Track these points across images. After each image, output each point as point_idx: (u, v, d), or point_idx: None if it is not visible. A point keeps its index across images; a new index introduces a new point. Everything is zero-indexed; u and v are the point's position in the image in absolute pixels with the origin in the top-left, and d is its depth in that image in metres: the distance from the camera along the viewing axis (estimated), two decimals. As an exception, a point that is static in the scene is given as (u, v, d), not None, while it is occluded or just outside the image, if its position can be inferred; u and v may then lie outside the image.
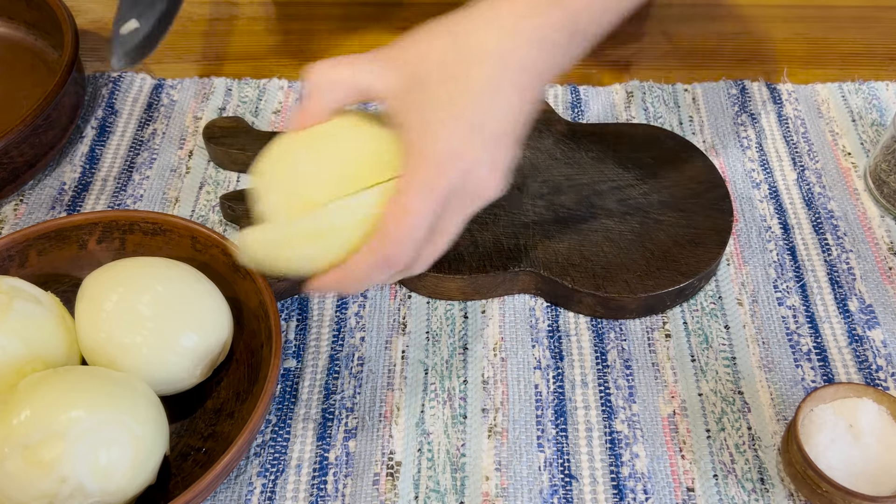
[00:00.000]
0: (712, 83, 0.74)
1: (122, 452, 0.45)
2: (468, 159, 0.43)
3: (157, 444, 0.47)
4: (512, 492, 0.51)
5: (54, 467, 0.43)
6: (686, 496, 0.51)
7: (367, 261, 0.44)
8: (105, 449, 0.44)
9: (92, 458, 0.44)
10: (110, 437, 0.45)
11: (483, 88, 0.43)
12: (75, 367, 0.50)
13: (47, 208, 0.65)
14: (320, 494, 0.51)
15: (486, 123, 0.43)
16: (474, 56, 0.43)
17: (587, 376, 0.56)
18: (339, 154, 0.46)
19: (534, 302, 0.60)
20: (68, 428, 0.44)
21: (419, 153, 0.43)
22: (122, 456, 0.45)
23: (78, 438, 0.44)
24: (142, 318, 0.50)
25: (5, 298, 0.50)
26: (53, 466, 0.43)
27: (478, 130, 0.43)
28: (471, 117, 0.43)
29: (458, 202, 0.44)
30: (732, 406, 0.55)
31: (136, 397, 0.47)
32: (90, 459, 0.44)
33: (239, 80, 0.74)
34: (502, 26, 0.44)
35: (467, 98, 0.43)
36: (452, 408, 0.55)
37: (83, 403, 0.45)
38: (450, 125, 0.43)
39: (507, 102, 0.44)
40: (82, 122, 0.71)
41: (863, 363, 0.57)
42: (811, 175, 0.68)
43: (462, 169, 0.42)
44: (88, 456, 0.44)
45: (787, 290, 0.60)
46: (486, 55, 0.43)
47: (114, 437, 0.45)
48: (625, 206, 0.62)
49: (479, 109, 0.43)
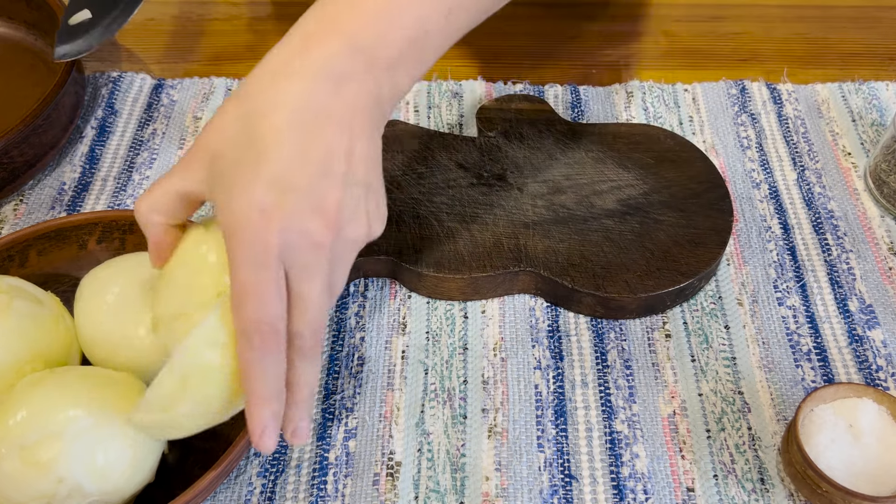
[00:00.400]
0: (712, 83, 0.74)
1: (120, 452, 0.45)
2: (279, 215, 0.40)
3: (155, 444, 0.47)
4: (512, 492, 0.51)
5: (51, 468, 0.43)
6: (686, 496, 0.51)
7: (246, 353, 0.41)
8: (102, 449, 0.44)
9: (89, 458, 0.44)
10: (107, 437, 0.44)
11: (275, 140, 0.40)
12: (73, 367, 0.50)
13: (47, 208, 0.65)
14: (320, 494, 0.51)
15: (290, 172, 0.40)
16: (263, 111, 0.41)
17: (587, 376, 0.56)
18: (183, 269, 0.45)
19: (534, 302, 0.60)
20: (65, 428, 0.44)
21: (229, 229, 0.41)
22: (119, 456, 0.45)
23: (75, 438, 0.44)
24: (141, 311, 0.50)
25: (5, 298, 0.50)
26: (50, 467, 0.43)
27: (280, 182, 0.40)
28: (268, 172, 0.40)
29: (303, 256, 0.41)
30: (732, 406, 0.55)
31: (133, 396, 0.47)
32: (87, 459, 0.44)
33: (239, 80, 0.74)
34: (288, 73, 0.42)
35: (260, 155, 0.40)
36: (452, 408, 0.55)
37: (80, 403, 0.45)
38: (247, 189, 0.40)
39: (317, 143, 0.41)
40: (82, 122, 0.71)
41: (863, 363, 0.57)
42: (811, 175, 0.68)
43: (278, 228, 0.40)
44: (85, 456, 0.44)
45: (787, 290, 0.60)
46: (275, 107, 0.41)
47: (111, 436, 0.45)
48: (625, 206, 0.62)
49: (275, 162, 0.40)
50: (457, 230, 0.60)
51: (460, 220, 0.61)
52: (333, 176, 0.41)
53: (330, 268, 0.42)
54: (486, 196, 0.62)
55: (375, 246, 0.59)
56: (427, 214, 0.61)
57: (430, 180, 0.63)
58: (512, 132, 0.67)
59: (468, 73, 0.75)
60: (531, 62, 0.77)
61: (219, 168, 0.42)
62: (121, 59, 0.77)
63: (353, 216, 0.42)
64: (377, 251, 0.59)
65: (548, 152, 0.65)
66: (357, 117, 0.43)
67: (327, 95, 0.42)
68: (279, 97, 0.41)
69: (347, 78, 0.42)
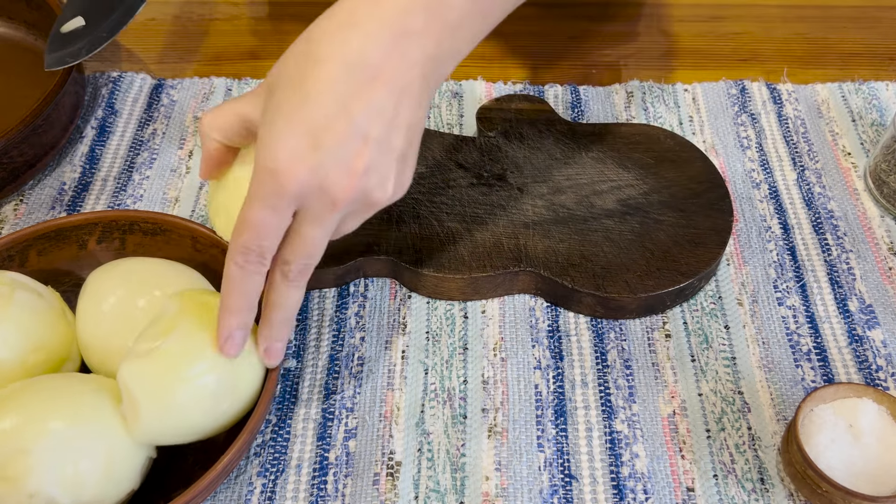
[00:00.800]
0: (712, 83, 0.74)
1: (92, 463, 0.44)
2: (305, 166, 0.40)
3: (134, 450, 0.46)
4: (512, 492, 0.51)
5: (21, 483, 0.42)
6: (686, 496, 0.51)
7: (229, 268, 0.44)
8: (73, 460, 0.43)
9: (60, 471, 0.43)
10: (79, 448, 0.44)
11: (322, 89, 0.41)
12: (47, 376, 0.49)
13: (47, 208, 0.65)
14: (320, 494, 0.51)
15: (328, 125, 0.40)
16: (319, 57, 0.41)
17: (587, 376, 0.56)
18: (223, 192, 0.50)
19: (534, 302, 0.60)
20: (34, 443, 0.43)
21: (257, 163, 0.42)
22: (92, 467, 0.44)
23: (43, 453, 0.43)
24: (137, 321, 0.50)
25: (7, 290, 0.50)
26: (20, 482, 0.42)
27: (316, 133, 0.40)
28: (307, 120, 0.40)
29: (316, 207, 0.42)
30: (732, 406, 0.55)
31: (106, 405, 0.46)
32: (58, 472, 0.43)
33: (239, 80, 0.74)
34: (352, 23, 0.41)
35: (305, 101, 0.41)
36: (452, 408, 0.55)
37: (49, 416, 0.44)
38: (283, 131, 0.41)
39: (362, 102, 0.41)
40: (82, 122, 0.71)
41: (863, 363, 0.57)
42: (811, 175, 0.68)
43: (301, 177, 0.40)
44: (56, 469, 0.43)
45: (787, 290, 0.60)
46: (331, 56, 0.41)
47: (82, 448, 0.44)
48: (625, 206, 0.62)
49: (316, 111, 0.40)
50: (457, 230, 0.60)
51: (460, 220, 0.61)
52: (370, 139, 0.41)
53: (340, 221, 0.44)
54: (486, 196, 0.62)
55: (375, 246, 0.59)
56: (427, 214, 0.61)
57: (430, 180, 0.63)
58: (512, 132, 0.67)
59: (468, 73, 0.75)
60: (531, 62, 0.77)
61: (270, 101, 0.42)
62: (121, 59, 0.77)
63: (378, 183, 0.43)
64: (377, 251, 0.59)
65: (548, 152, 0.65)
66: (410, 80, 0.42)
67: (384, 52, 0.41)
68: (336, 47, 0.41)
69: (409, 35, 0.41)
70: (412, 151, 0.44)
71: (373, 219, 0.60)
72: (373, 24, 0.41)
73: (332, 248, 0.59)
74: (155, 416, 0.45)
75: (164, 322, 0.47)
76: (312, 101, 0.41)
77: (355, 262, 0.59)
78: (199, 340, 0.46)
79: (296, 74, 0.42)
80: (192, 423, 0.46)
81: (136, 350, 0.46)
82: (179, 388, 0.45)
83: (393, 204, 0.61)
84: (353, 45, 0.41)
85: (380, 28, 0.41)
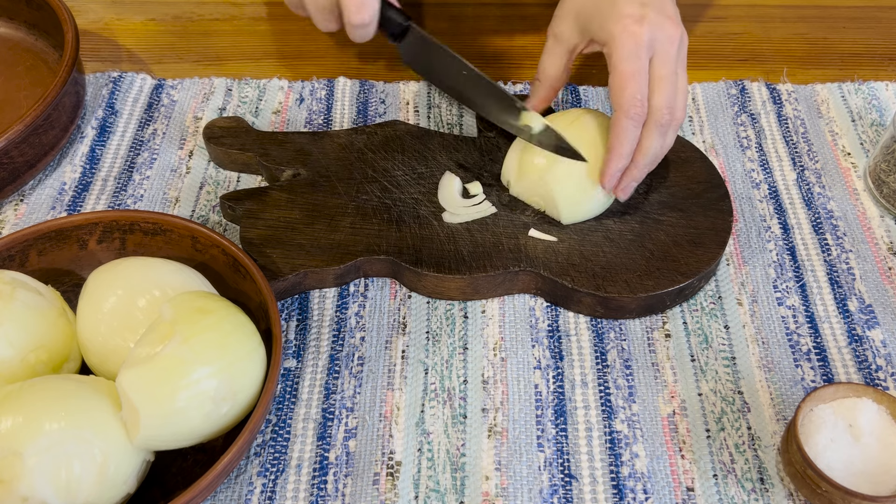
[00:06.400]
0: (712, 83, 0.74)
1: (85, 467, 0.44)
2: (647, 20, 0.56)
3: (129, 454, 0.46)
4: (512, 491, 0.51)
5: (14, 486, 0.42)
6: (686, 496, 0.51)
7: (622, 121, 0.56)
8: (65, 465, 0.43)
9: (53, 474, 0.43)
10: (71, 453, 0.44)
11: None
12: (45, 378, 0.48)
13: (47, 208, 0.65)
14: (320, 494, 0.51)
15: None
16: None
17: (587, 376, 0.56)
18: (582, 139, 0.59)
19: (534, 302, 0.60)
20: (26, 446, 0.43)
21: (611, 39, 0.56)
22: (85, 470, 0.44)
23: (37, 456, 0.43)
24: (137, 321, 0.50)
25: (8, 288, 0.50)
26: (13, 485, 0.42)
27: (645, 4, 0.57)
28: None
29: (664, 48, 0.56)
30: (732, 406, 0.55)
31: (102, 408, 0.46)
32: (51, 476, 0.43)
33: (239, 80, 0.74)
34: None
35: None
36: (452, 408, 0.55)
37: (44, 419, 0.44)
38: (619, 9, 0.56)
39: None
40: (82, 122, 0.71)
41: (862, 363, 0.57)
42: (811, 175, 0.68)
43: (647, 28, 0.55)
44: (49, 473, 0.43)
45: (786, 290, 0.60)
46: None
47: (75, 452, 0.44)
48: (624, 206, 0.62)
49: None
50: (457, 230, 0.60)
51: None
52: (669, 4, 0.59)
53: (677, 56, 0.57)
54: (485, 196, 0.62)
55: (375, 246, 0.59)
56: (427, 214, 0.61)
57: (430, 180, 0.64)
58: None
59: (468, 73, 0.75)
60: (531, 62, 0.77)
61: (585, 15, 0.59)
62: (121, 59, 0.77)
63: (678, 21, 0.58)
64: (377, 251, 0.59)
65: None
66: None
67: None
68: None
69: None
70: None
71: (373, 219, 0.61)
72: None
73: (332, 248, 0.59)
74: (155, 422, 0.45)
75: (162, 328, 0.47)
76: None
77: (355, 262, 0.59)
78: (198, 346, 0.46)
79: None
80: (193, 429, 0.46)
81: (135, 356, 0.46)
82: (179, 394, 0.45)
83: (393, 204, 0.61)
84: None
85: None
